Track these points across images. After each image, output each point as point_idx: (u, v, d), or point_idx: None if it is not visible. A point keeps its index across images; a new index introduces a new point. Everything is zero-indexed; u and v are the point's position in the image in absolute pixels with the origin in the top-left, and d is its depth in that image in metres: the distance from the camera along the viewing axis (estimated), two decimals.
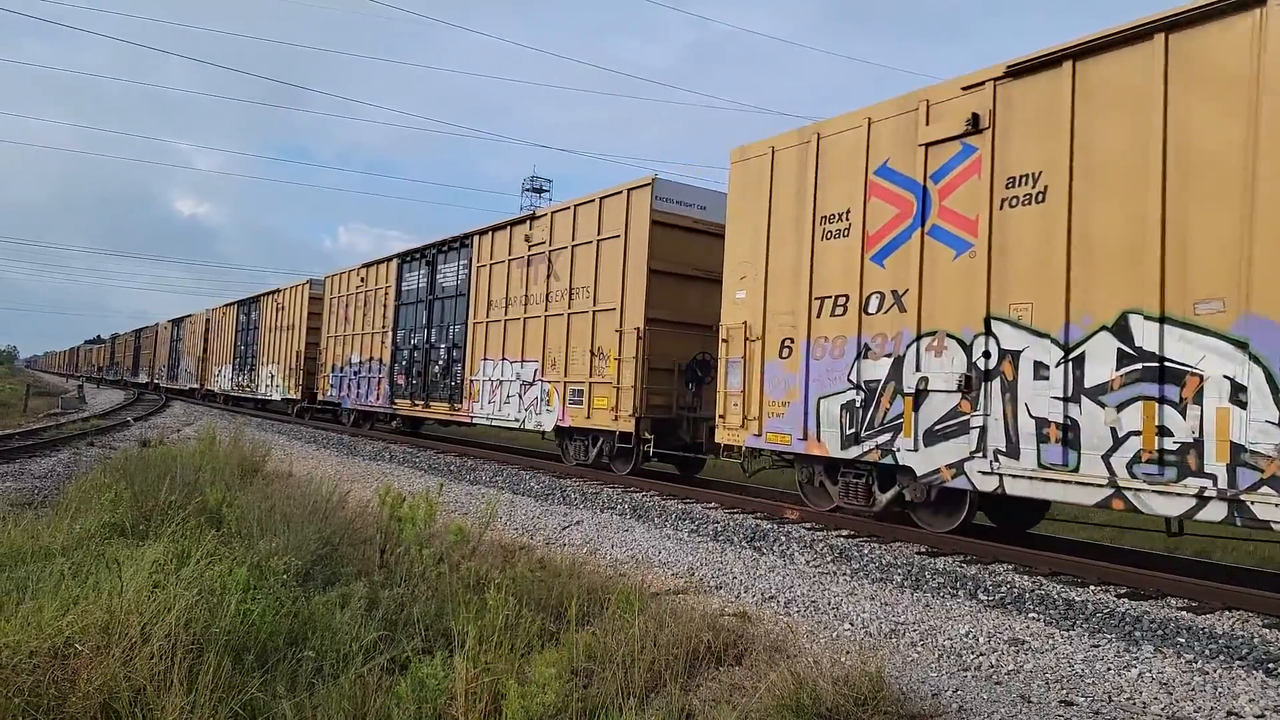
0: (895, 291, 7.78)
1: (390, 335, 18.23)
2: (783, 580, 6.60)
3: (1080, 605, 5.78)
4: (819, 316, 8.51)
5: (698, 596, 6.10)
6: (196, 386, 35.98)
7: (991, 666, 4.79)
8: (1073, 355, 6.35)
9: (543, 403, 13.00)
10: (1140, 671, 4.64)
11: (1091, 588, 6.33)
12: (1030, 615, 5.71)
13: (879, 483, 8.20)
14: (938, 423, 7.33)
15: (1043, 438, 6.48)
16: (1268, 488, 5.29)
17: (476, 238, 15.44)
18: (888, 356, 7.79)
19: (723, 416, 9.43)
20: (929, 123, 7.60)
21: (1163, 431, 5.80)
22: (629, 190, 11.70)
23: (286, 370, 24.77)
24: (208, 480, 7.72)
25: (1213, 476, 5.54)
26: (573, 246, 12.68)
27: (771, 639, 4.90)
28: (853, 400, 8.09)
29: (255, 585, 4.35)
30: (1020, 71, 6.94)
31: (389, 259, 18.83)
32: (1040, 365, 6.56)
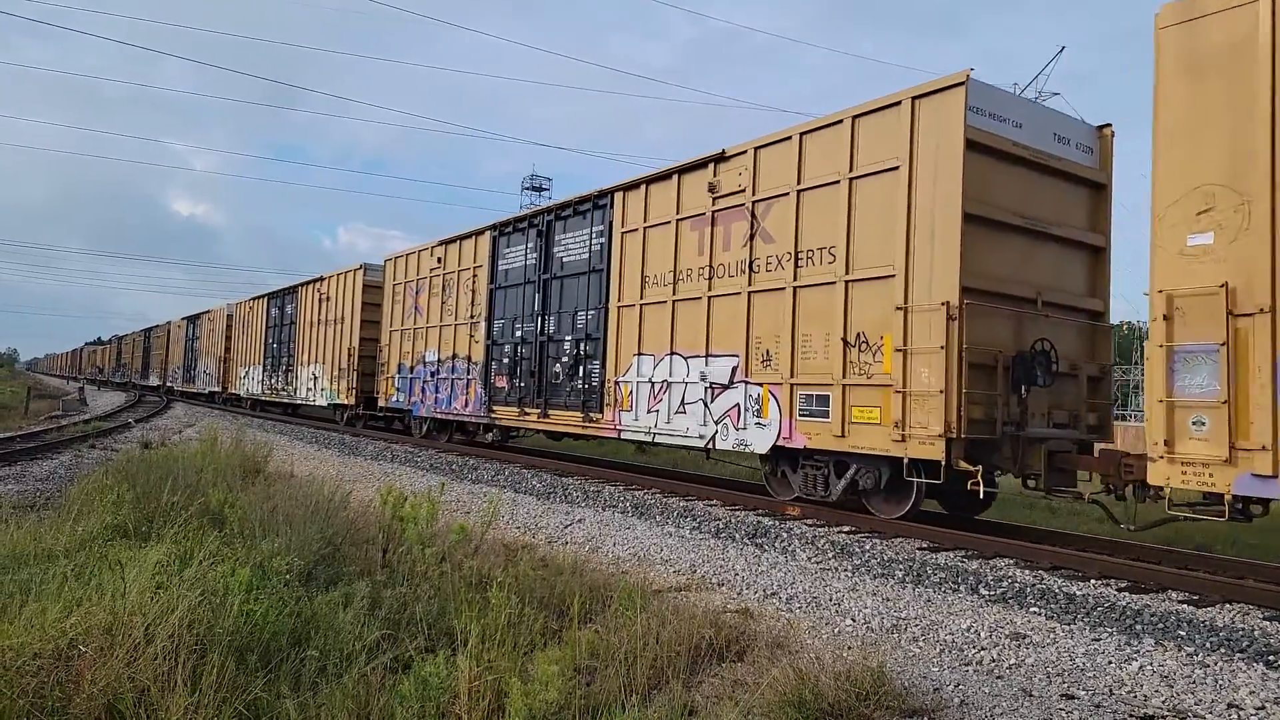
0: None
1: (483, 326, 14.66)
2: (784, 577, 6.62)
3: (1081, 599, 5.80)
4: None
5: (700, 593, 6.12)
6: (217, 390, 32.41)
7: (993, 661, 4.81)
8: None
9: (749, 413, 9.35)
10: (1141, 665, 4.66)
11: (1093, 582, 6.34)
12: (1031, 610, 5.72)
13: None
14: None
15: None
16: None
17: (620, 195, 11.73)
18: None
19: (1167, 442, 5.91)
20: None
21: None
22: (915, 99, 7.97)
23: (334, 371, 21.10)
24: (210, 481, 7.73)
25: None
26: (798, 192, 9.04)
27: (773, 635, 4.91)
28: None
29: (258, 585, 4.36)
30: None
31: (478, 232, 15.18)
32: None
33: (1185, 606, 5.68)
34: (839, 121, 8.71)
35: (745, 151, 9.74)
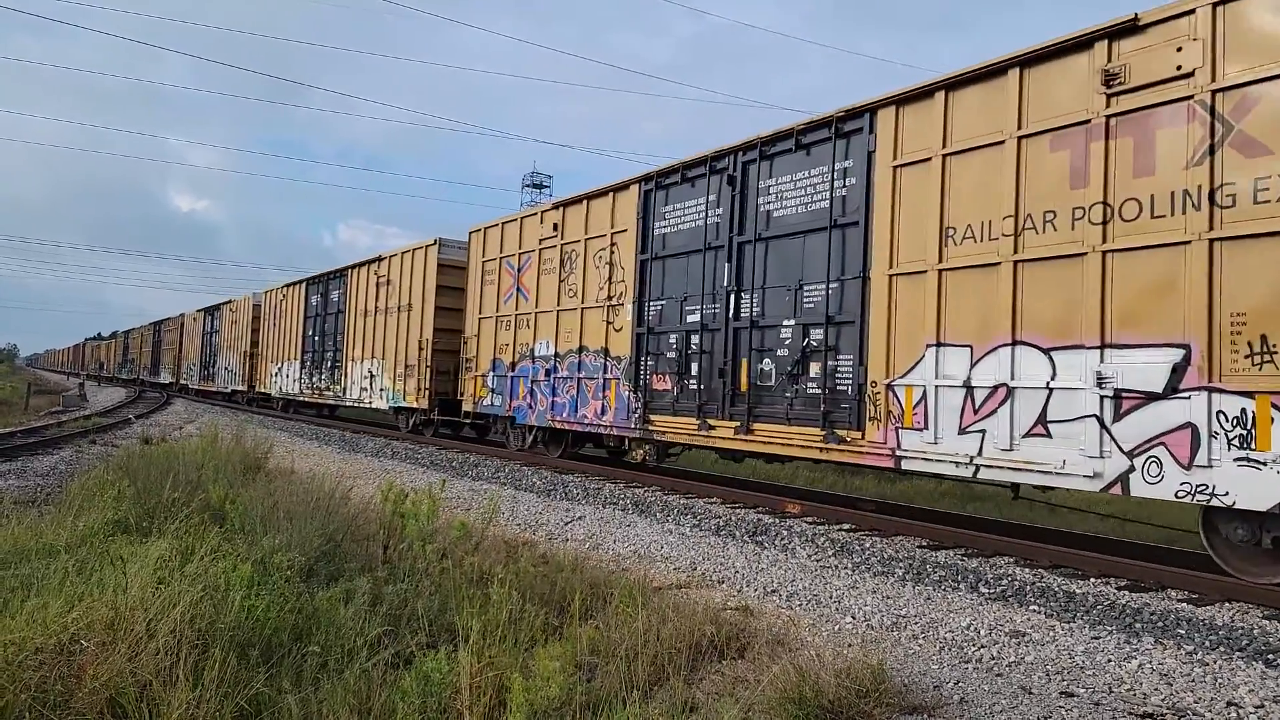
0: None
1: (628, 310, 11.19)
2: (785, 574, 6.63)
3: (1081, 597, 5.80)
4: None
5: (700, 591, 6.12)
6: (242, 389, 28.80)
7: (993, 658, 4.82)
8: None
9: (1220, 441, 5.66)
10: (1141, 663, 4.66)
11: (1092, 580, 6.35)
12: (1031, 608, 5.73)
13: None
14: None
15: None
16: None
17: (888, 113, 8.11)
18: None
19: None
20: None
21: None
22: None
23: (398, 369, 17.57)
24: (210, 477, 7.74)
25: None
26: None
27: (774, 632, 4.92)
28: None
29: (259, 581, 4.37)
30: None
31: (618, 187, 11.71)
32: None
33: (1185, 605, 5.69)
34: None
35: (1191, 11, 6.00)
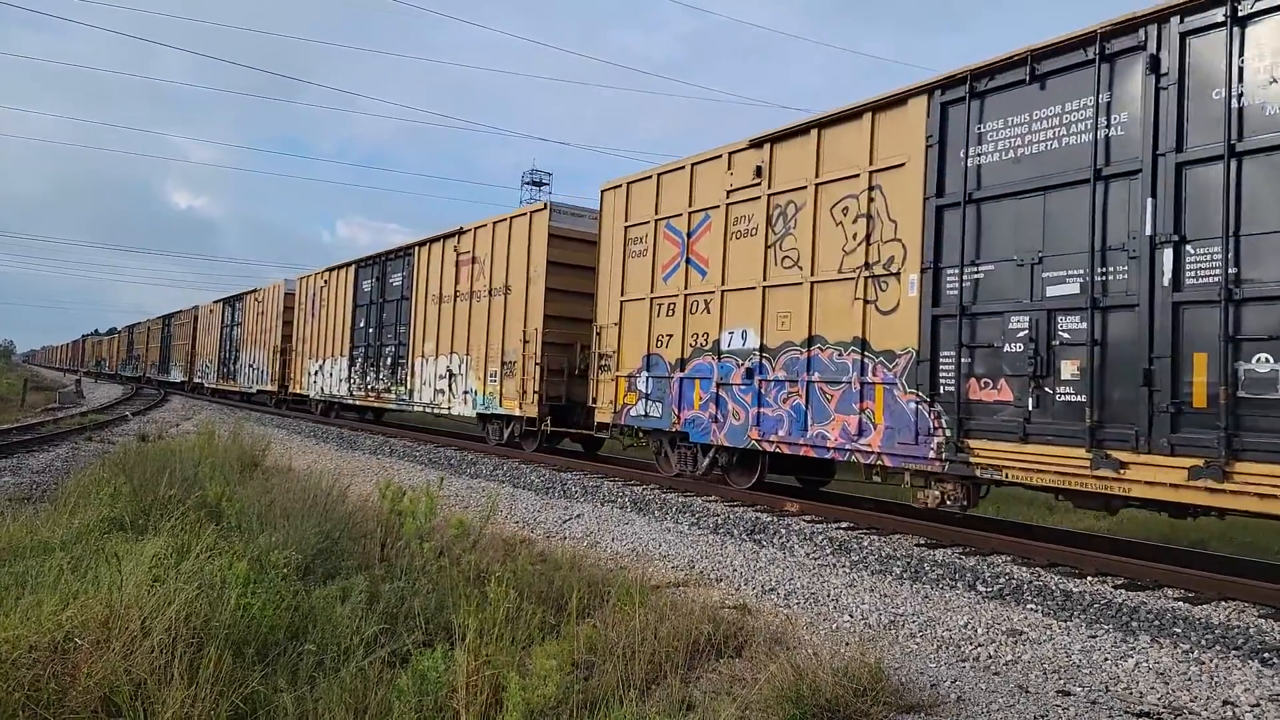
0: None
1: (913, 283, 7.69)
2: (783, 573, 6.62)
3: (1078, 596, 5.81)
4: None
5: (698, 589, 6.12)
6: (270, 389, 25.47)
7: (990, 657, 4.82)
8: None
9: None
10: (1137, 661, 4.67)
11: (1089, 579, 6.36)
12: (1028, 606, 5.73)
13: None
14: None
15: None
16: None
17: None
18: None
19: None
20: None
21: None
22: None
23: (490, 366, 14.19)
24: (207, 474, 7.72)
25: None
26: None
27: (771, 631, 4.92)
28: None
29: (255, 579, 4.34)
30: None
31: (884, 103, 8.11)
32: None
33: (1181, 604, 5.69)
34: None
35: None
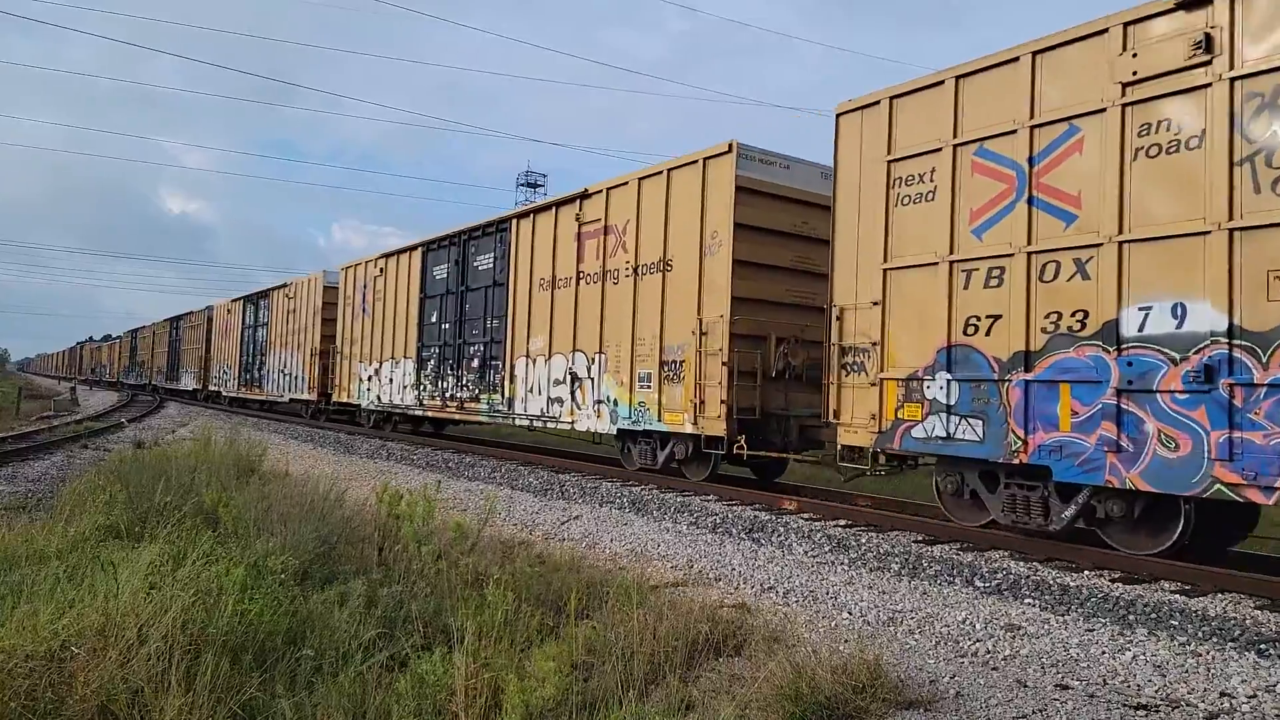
0: None
1: None
2: (781, 571, 6.63)
3: (1075, 590, 5.82)
4: None
5: (697, 589, 6.12)
6: (307, 398, 22.18)
7: (988, 652, 4.83)
8: None
9: None
10: (1134, 655, 4.68)
11: (1086, 573, 6.37)
12: (1026, 601, 5.74)
13: None
14: None
15: None
16: None
17: None
18: None
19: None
20: None
21: None
22: None
23: (639, 368, 10.92)
24: (203, 481, 7.70)
25: None
26: None
27: (770, 629, 4.92)
28: None
29: (252, 585, 4.34)
30: None
31: None
32: None
33: (1178, 596, 5.71)
34: None
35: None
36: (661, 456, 10.84)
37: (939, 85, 7.55)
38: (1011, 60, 7.00)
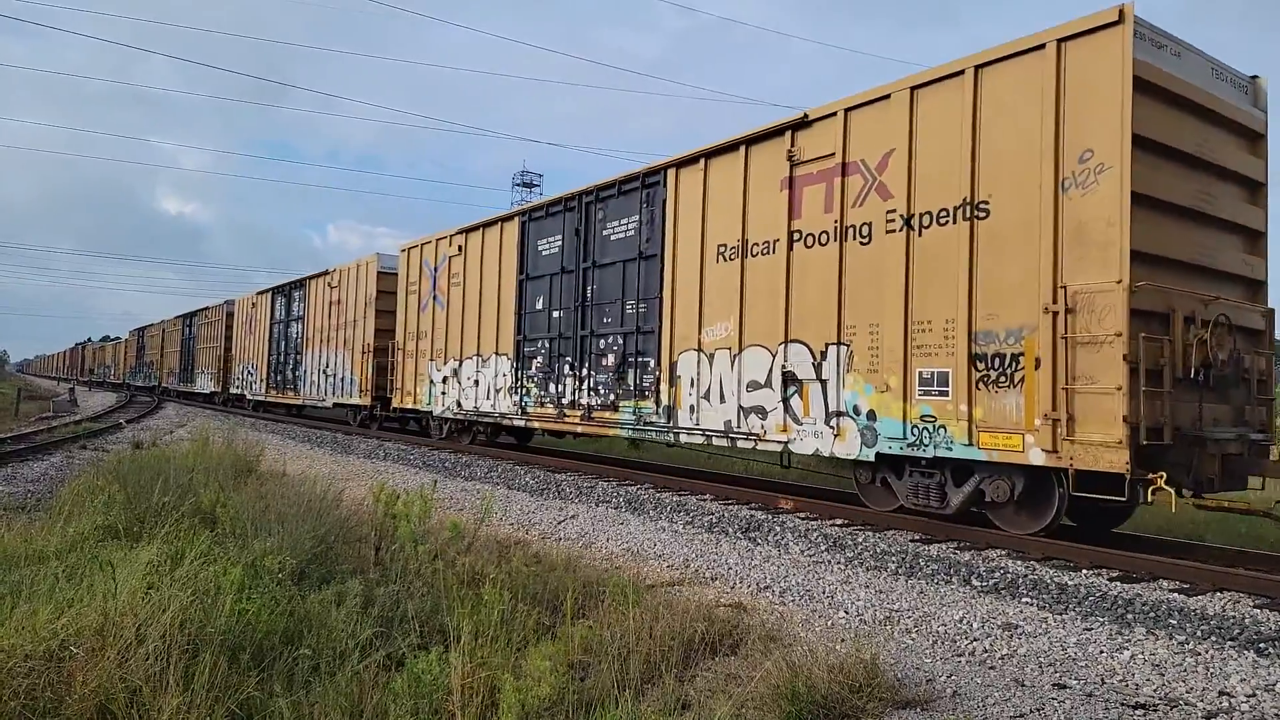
0: None
1: None
2: (778, 570, 6.63)
3: (1073, 589, 5.83)
4: None
5: (693, 588, 6.13)
6: (359, 403, 18.87)
7: (985, 651, 4.83)
8: None
9: None
10: (1133, 653, 4.68)
11: (1084, 572, 6.38)
12: (1023, 600, 5.75)
13: None
14: None
15: None
16: None
17: None
18: None
19: None
20: None
21: None
22: None
23: (926, 361, 7.46)
24: (201, 481, 7.70)
25: None
26: None
27: (767, 628, 4.92)
28: None
29: (250, 585, 4.35)
30: None
31: None
32: None
33: (1176, 595, 5.71)
34: None
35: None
36: (957, 499, 7.43)
37: None
38: None
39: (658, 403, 10.43)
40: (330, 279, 21.14)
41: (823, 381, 8.43)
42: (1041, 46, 6.82)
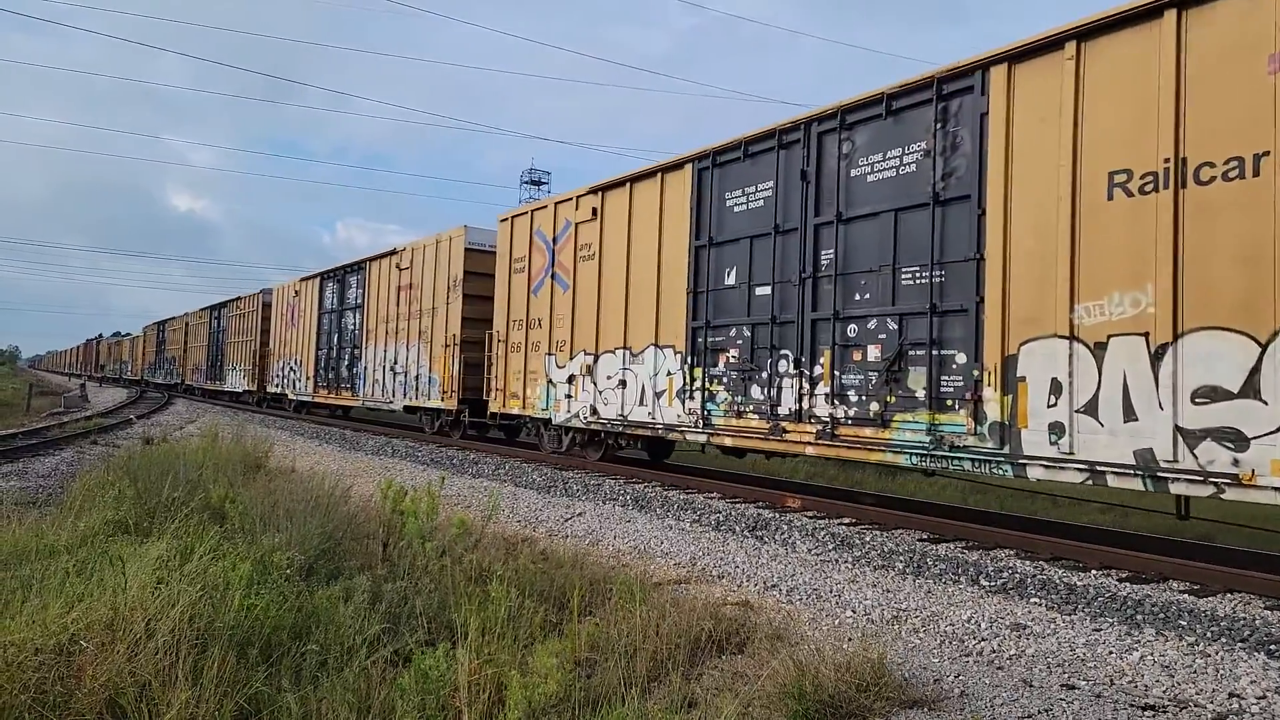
0: None
1: None
2: (785, 569, 6.62)
3: (1082, 590, 5.80)
4: None
5: (700, 586, 6.12)
6: (442, 406, 15.44)
7: (993, 651, 4.81)
8: None
9: None
10: (1142, 654, 4.66)
11: (1093, 572, 6.34)
12: (1032, 600, 5.72)
13: None
14: None
15: None
16: None
17: None
18: None
19: None
20: None
21: None
22: None
23: None
24: (211, 477, 7.74)
25: None
26: None
27: (774, 627, 4.92)
28: None
29: (259, 580, 4.37)
30: None
31: None
32: None
33: (1186, 596, 5.68)
34: None
35: None
36: None
37: None
38: None
39: (977, 418, 6.98)
40: (399, 259, 17.58)
41: None
42: None
